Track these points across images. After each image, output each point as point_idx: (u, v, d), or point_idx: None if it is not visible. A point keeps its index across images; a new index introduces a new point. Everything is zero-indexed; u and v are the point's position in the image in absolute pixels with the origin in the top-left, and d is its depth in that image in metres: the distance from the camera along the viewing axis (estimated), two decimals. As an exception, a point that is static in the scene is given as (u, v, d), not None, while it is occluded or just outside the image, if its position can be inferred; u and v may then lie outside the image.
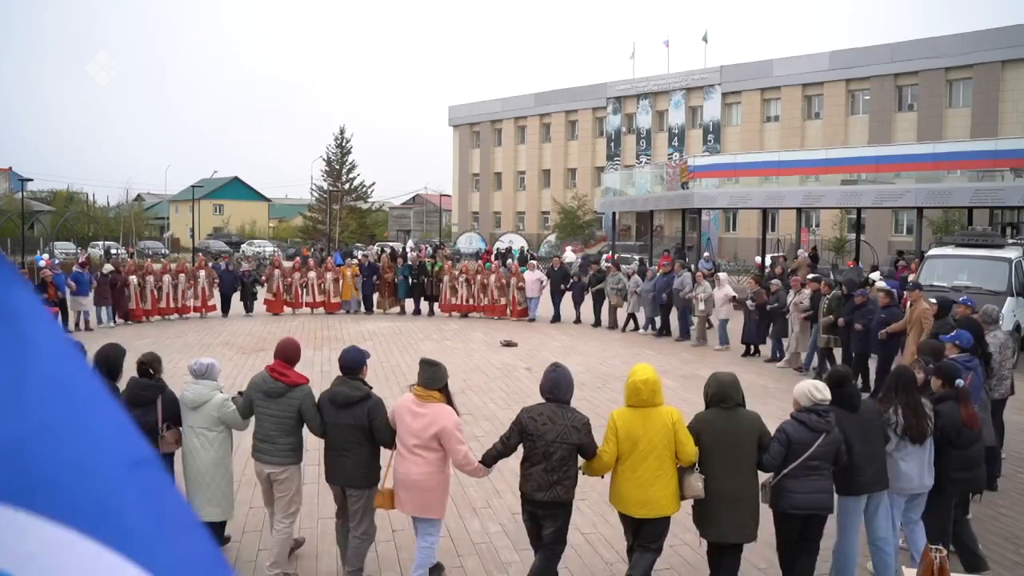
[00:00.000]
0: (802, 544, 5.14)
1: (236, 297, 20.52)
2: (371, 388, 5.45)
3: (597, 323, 19.00)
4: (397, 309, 21.14)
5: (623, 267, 21.66)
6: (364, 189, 57.13)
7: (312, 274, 20.85)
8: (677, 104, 48.39)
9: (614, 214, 38.14)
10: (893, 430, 5.40)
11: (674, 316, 17.21)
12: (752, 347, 15.13)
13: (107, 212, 63.97)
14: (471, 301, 20.28)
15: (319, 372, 12.10)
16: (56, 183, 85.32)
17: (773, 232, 36.18)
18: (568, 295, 19.99)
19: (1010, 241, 17.28)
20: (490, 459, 5.21)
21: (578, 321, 19.51)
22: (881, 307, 11.39)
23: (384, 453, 5.44)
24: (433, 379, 5.19)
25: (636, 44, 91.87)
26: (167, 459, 5.62)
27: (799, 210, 27.17)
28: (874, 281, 15.05)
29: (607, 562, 5.82)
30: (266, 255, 36.82)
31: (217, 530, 5.66)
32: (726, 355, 15.26)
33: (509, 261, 25.87)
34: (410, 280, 20.74)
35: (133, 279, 18.82)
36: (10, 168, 58.73)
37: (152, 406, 5.61)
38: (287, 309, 20.87)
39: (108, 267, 18.98)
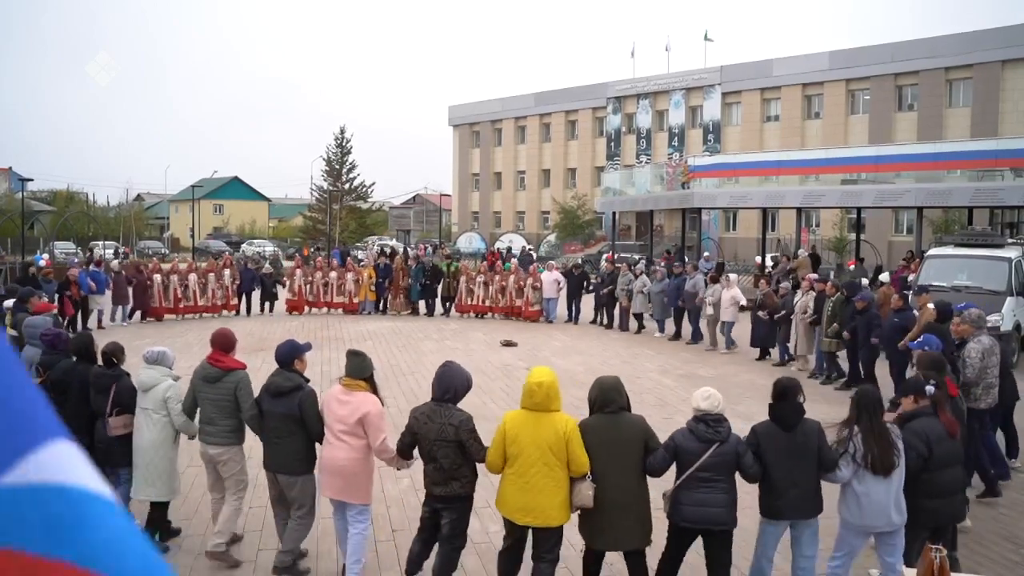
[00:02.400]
0: (708, 562, 4.96)
1: (256, 296, 20.68)
2: (306, 380, 5.68)
3: (609, 325, 18.61)
4: (409, 311, 21.05)
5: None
6: (364, 189, 57.13)
7: (333, 274, 20.93)
8: (677, 104, 48.39)
9: (614, 214, 38.13)
10: (851, 457, 4.84)
11: (685, 319, 16.88)
12: (766, 351, 14.82)
13: (107, 212, 63.92)
14: (487, 302, 20.19)
15: (319, 372, 12.11)
16: (56, 183, 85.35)
17: (773, 232, 36.17)
18: (584, 297, 19.73)
19: (1010, 241, 17.28)
20: (402, 453, 5.34)
21: (594, 321, 19.28)
22: (894, 311, 10.95)
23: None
24: (359, 369, 5.43)
25: (636, 44, 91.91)
26: (120, 442, 6.03)
27: (799, 210, 27.13)
28: (884, 283, 15.02)
29: (607, 562, 5.82)
30: (266, 255, 36.83)
31: (159, 510, 6.06)
32: (734, 357, 15.06)
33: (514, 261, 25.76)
34: (422, 282, 20.60)
35: (157, 278, 19.05)
36: (10, 168, 58.74)
37: (110, 392, 6.07)
38: (308, 308, 20.92)
39: (115, 264, 19.47)
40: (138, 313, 18.90)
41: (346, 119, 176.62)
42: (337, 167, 55.21)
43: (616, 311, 18.50)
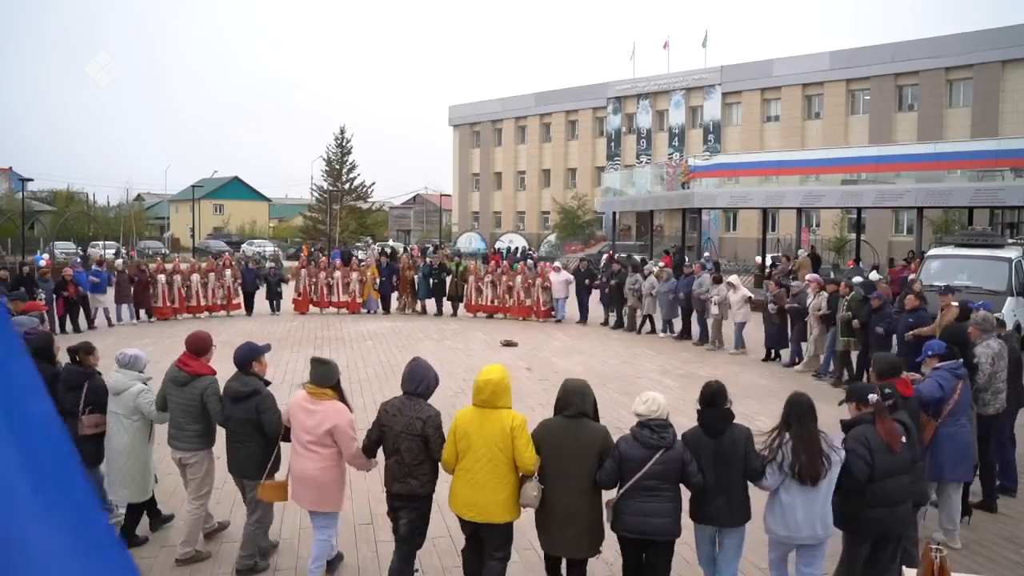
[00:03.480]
0: (647, 570, 4.85)
1: (260, 296, 20.72)
2: (265, 383, 5.67)
3: (619, 324, 18.55)
4: (418, 309, 21.01)
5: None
6: (364, 189, 57.11)
7: (338, 274, 20.94)
8: (677, 104, 48.40)
9: (614, 214, 38.15)
10: (778, 466, 4.68)
11: (694, 318, 16.77)
12: (774, 352, 14.70)
13: (107, 212, 63.89)
14: (496, 302, 20.14)
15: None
16: (56, 183, 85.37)
17: (773, 232, 36.20)
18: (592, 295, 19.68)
19: (1010, 241, 17.27)
20: (367, 452, 5.32)
21: (604, 323, 19.19)
22: (909, 311, 10.78)
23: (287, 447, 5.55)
24: (325, 376, 5.34)
25: (636, 44, 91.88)
26: (91, 441, 6.08)
27: (799, 210, 27.14)
28: (877, 280, 14.94)
29: (606, 562, 5.82)
30: (266, 255, 36.84)
31: (134, 512, 6.12)
32: (739, 358, 14.94)
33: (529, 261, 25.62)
34: (431, 280, 20.58)
35: (161, 278, 19.11)
36: (10, 168, 58.74)
37: (81, 390, 6.13)
38: (320, 309, 20.96)
39: (119, 263, 19.64)
40: (142, 312, 18.97)
41: (346, 119, 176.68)
42: (337, 167, 55.17)
43: (624, 311, 18.39)
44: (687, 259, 22.58)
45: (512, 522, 4.89)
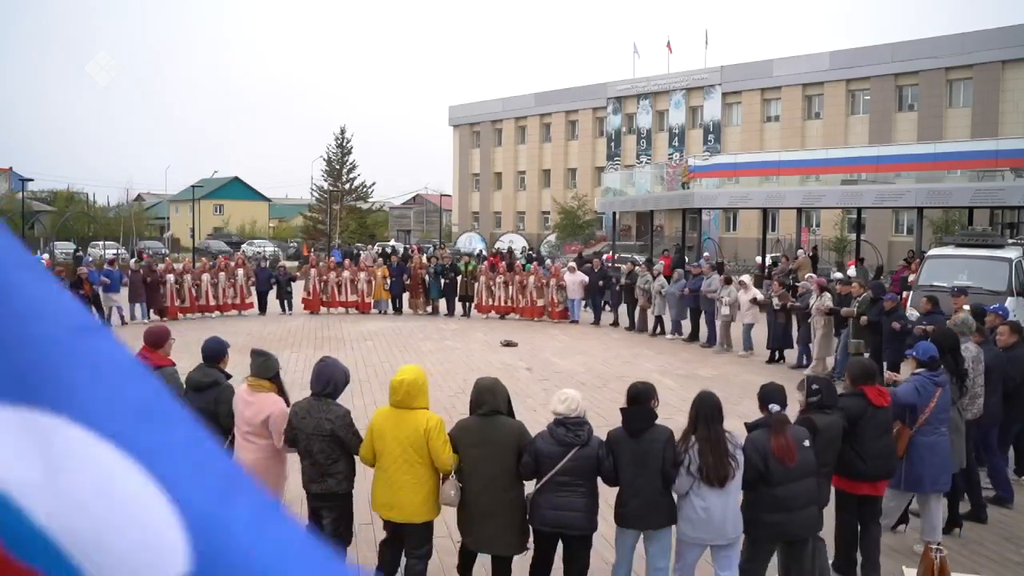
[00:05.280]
0: (565, 565, 4.93)
1: (272, 295, 20.83)
2: (226, 376, 5.74)
3: (631, 326, 18.35)
4: (429, 309, 20.96)
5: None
6: (364, 189, 57.10)
7: (347, 273, 20.98)
8: (677, 104, 48.40)
9: (614, 214, 38.18)
10: (686, 468, 4.61)
11: (702, 320, 16.60)
12: (778, 353, 14.51)
13: (107, 212, 63.82)
14: (508, 302, 20.07)
15: (319, 372, 12.14)
16: (56, 183, 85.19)
17: (773, 232, 36.19)
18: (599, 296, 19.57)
19: (1010, 241, 17.26)
20: (291, 443, 5.35)
21: (614, 324, 19.09)
22: (923, 314, 10.48)
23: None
24: (264, 369, 5.40)
25: (637, 44, 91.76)
26: None
27: (799, 210, 27.17)
28: (847, 280, 14.76)
29: (607, 562, 5.82)
30: (266, 255, 36.86)
31: None
32: (742, 359, 14.81)
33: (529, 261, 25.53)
34: (443, 281, 20.54)
35: (170, 277, 19.25)
36: (10, 168, 58.73)
37: None
38: (328, 309, 21.02)
39: (132, 262, 20.11)
40: (151, 311, 19.06)
41: (346, 119, 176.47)
42: (337, 167, 55.15)
43: (636, 312, 18.23)
44: (687, 259, 22.63)
45: (431, 521, 4.95)
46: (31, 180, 41.48)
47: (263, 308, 20.74)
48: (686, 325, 17.12)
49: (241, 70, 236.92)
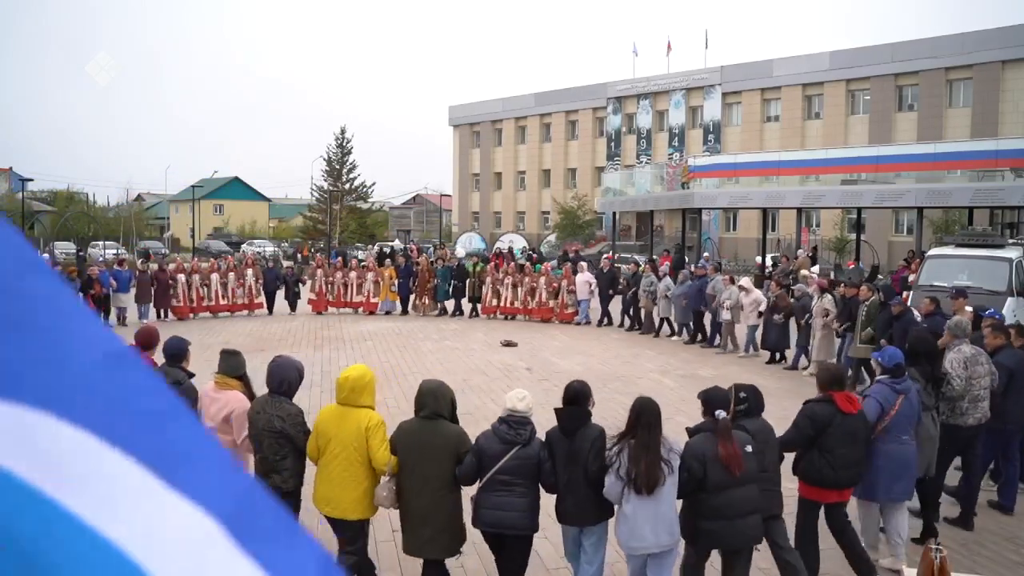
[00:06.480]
0: (502, 564, 4.96)
1: (280, 295, 20.91)
2: (189, 375, 5.82)
3: (633, 327, 18.29)
4: (436, 311, 20.90)
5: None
6: (364, 189, 57.07)
7: (353, 274, 20.99)
8: (677, 104, 48.39)
9: (614, 214, 38.17)
10: (616, 472, 4.52)
11: (705, 321, 16.46)
12: (777, 354, 14.44)
13: (107, 212, 63.81)
14: (516, 304, 19.95)
15: (320, 372, 12.13)
16: (56, 183, 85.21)
17: (773, 232, 36.19)
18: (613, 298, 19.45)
19: (1010, 241, 17.26)
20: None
21: (620, 325, 18.90)
22: (925, 316, 10.30)
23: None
24: (232, 367, 5.53)
25: (637, 44, 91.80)
26: None
27: (799, 210, 27.14)
28: (854, 284, 14.68)
29: (609, 562, 5.81)
30: (266, 255, 36.84)
31: None
32: (742, 360, 14.79)
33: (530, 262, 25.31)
34: (451, 282, 20.46)
35: (181, 277, 19.27)
36: (10, 168, 58.75)
37: None
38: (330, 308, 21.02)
39: (141, 263, 20.36)
40: (159, 311, 19.11)
41: (346, 119, 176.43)
42: (337, 167, 55.13)
43: (640, 313, 18.08)
44: (687, 259, 22.60)
45: (366, 519, 5.02)
46: (31, 180, 41.52)
47: (270, 308, 20.84)
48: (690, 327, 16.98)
49: (241, 70, 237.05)
